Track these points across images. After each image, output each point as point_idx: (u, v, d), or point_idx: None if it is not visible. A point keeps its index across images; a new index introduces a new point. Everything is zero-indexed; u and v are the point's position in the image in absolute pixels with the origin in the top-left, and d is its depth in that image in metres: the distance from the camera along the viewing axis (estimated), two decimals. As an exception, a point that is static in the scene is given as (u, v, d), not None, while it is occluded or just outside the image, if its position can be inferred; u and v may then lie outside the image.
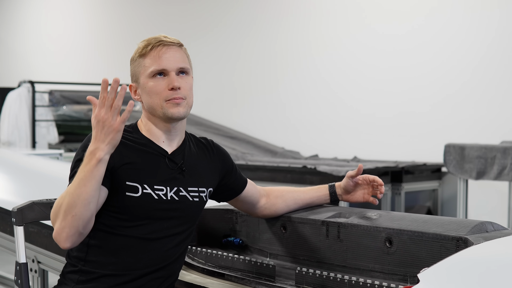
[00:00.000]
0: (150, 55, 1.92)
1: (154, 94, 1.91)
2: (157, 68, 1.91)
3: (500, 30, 5.53)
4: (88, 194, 1.72)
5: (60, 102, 7.48)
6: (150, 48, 1.93)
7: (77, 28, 10.43)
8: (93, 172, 1.71)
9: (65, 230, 1.73)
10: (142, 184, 1.87)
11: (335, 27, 6.72)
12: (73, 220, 1.72)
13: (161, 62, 1.91)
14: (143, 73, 1.93)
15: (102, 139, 1.72)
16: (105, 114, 1.72)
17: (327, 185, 2.20)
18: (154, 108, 1.92)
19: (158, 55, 1.92)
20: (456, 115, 5.77)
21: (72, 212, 1.72)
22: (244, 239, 2.28)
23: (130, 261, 1.88)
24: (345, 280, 1.89)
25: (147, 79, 1.92)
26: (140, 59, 1.94)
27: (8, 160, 4.24)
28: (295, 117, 7.05)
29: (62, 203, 1.74)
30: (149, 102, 1.93)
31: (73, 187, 1.73)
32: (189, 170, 1.97)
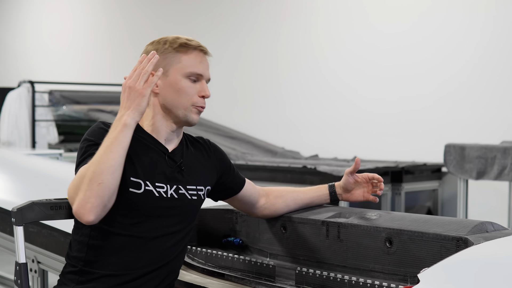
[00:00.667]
0: (190, 55, 1.92)
1: (184, 94, 1.91)
2: (197, 72, 1.91)
3: (500, 29, 5.53)
4: (114, 161, 1.71)
5: (60, 102, 7.48)
6: (192, 48, 1.93)
7: (77, 28, 10.43)
8: (119, 138, 1.72)
9: (90, 200, 1.69)
10: (144, 180, 1.87)
11: (338, 27, 6.72)
12: (99, 189, 1.69)
13: (200, 67, 1.92)
14: (176, 69, 1.91)
15: (128, 105, 1.75)
16: (132, 80, 1.75)
17: (327, 185, 2.20)
18: (176, 106, 1.92)
19: (199, 59, 1.93)
20: (456, 115, 5.77)
21: (98, 180, 1.69)
22: (244, 239, 2.28)
23: (129, 261, 1.88)
24: (345, 280, 1.89)
25: (180, 76, 1.91)
26: (175, 52, 1.92)
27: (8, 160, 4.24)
28: (295, 117, 7.05)
29: (86, 173, 1.70)
30: (173, 99, 1.91)
31: (98, 155, 1.71)
32: (188, 169, 1.97)
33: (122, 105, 1.77)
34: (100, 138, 1.81)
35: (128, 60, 9.24)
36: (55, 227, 2.59)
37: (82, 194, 1.70)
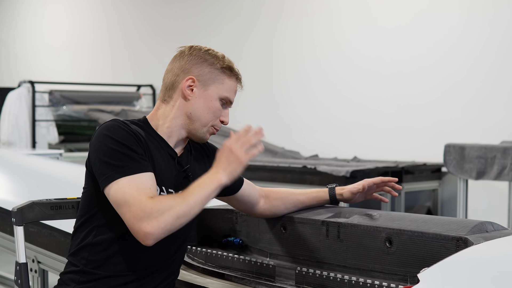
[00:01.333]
0: (231, 80, 1.99)
1: (212, 113, 1.96)
2: (230, 99, 1.99)
3: (502, 28, 5.53)
4: (199, 211, 1.77)
5: (60, 102, 7.48)
6: (235, 75, 2.00)
7: (77, 28, 10.43)
8: (212, 195, 1.76)
9: (165, 232, 1.72)
10: (160, 186, 1.89)
11: (338, 27, 6.72)
12: (178, 227, 1.74)
13: (233, 96, 2.00)
14: (217, 87, 1.96)
15: (225, 167, 1.78)
16: (236, 145, 1.79)
17: (327, 188, 2.19)
18: (200, 120, 1.95)
19: (235, 89, 2.01)
20: (456, 115, 5.77)
21: (183, 221, 1.74)
22: (244, 239, 2.28)
23: (131, 262, 1.88)
24: (345, 280, 1.89)
25: (216, 96, 1.95)
26: (221, 72, 1.97)
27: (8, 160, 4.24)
28: (295, 117, 7.06)
29: (176, 206, 1.72)
30: (200, 112, 1.94)
31: (193, 199, 1.74)
32: (193, 174, 1.98)
33: (219, 164, 1.79)
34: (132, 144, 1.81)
35: (128, 60, 9.25)
36: (55, 227, 2.59)
37: (162, 222, 1.70)
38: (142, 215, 1.70)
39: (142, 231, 1.70)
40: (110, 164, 1.77)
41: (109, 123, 1.86)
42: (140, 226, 1.70)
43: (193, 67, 1.94)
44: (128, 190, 1.74)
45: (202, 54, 1.96)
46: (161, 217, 1.70)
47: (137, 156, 1.80)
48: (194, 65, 1.94)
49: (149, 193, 1.75)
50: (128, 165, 1.77)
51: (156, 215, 1.70)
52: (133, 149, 1.80)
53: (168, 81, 1.97)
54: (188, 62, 1.95)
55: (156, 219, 1.70)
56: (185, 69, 1.95)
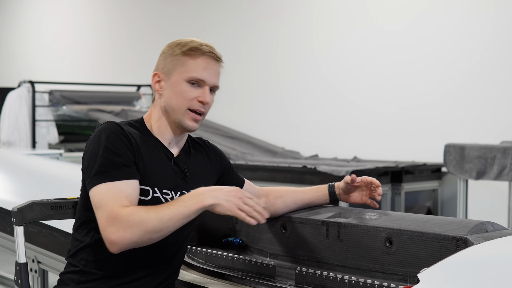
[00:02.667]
0: (196, 60, 1.90)
1: (181, 98, 1.90)
2: (198, 77, 1.90)
3: (502, 28, 5.53)
4: (175, 229, 1.74)
5: (60, 102, 7.48)
6: (200, 53, 1.90)
7: (77, 28, 10.43)
8: (191, 216, 1.74)
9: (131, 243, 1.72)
10: (153, 187, 1.88)
11: (337, 27, 6.72)
12: (147, 242, 1.73)
13: (204, 73, 1.90)
14: (181, 72, 1.90)
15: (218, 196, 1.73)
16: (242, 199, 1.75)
17: (327, 185, 2.20)
18: (173, 109, 1.91)
19: (204, 65, 1.90)
20: (456, 115, 5.77)
21: (152, 236, 1.72)
22: (244, 239, 2.28)
23: (130, 262, 1.88)
24: (345, 280, 1.89)
25: (182, 80, 1.90)
26: (183, 56, 1.91)
27: (8, 160, 4.24)
28: (295, 117, 7.06)
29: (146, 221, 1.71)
30: (172, 102, 1.91)
31: (167, 216, 1.71)
32: (191, 174, 1.97)
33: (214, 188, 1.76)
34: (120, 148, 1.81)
35: (128, 60, 9.25)
36: (55, 227, 2.59)
37: (129, 233, 1.70)
38: (112, 222, 1.71)
39: (108, 238, 1.72)
40: (94, 169, 1.79)
41: (103, 126, 1.87)
42: (108, 233, 1.72)
43: (158, 63, 1.96)
44: (105, 196, 1.75)
45: (167, 48, 1.96)
46: (129, 229, 1.70)
47: (122, 162, 1.80)
48: (159, 61, 1.96)
49: (124, 202, 1.75)
50: (110, 172, 1.78)
51: (124, 225, 1.70)
52: (120, 155, 1.80)
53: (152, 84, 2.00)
54: (158, 61, 1.98)
55: (123, 230, 1.70)
56: (154, 68, 1.97)
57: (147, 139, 1.92)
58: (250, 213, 1.76)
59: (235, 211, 1.75)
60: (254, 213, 1.76)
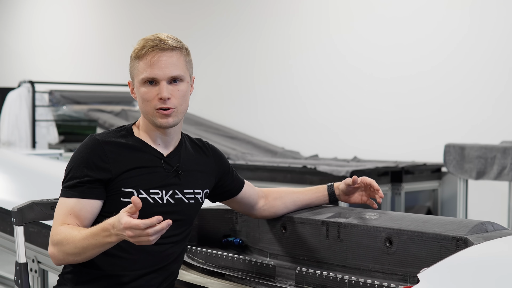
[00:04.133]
0: (144, 59, 1.87)
1: (145, 100, 1.88)
2: (148, 76, 1.86)
3: (503, 28, 5.53)
4: (92, 256, 1.78)
5: (60, 102, 7.48)
6: (145, 52, 1.86)
7: (77, 28, 10.43)
8: (105, 246, 1.73)
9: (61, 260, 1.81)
10: (137, 189, 1.87)
11: (337, 25, 6.72)
12: (71, 262, 1.81)
13: (152, 71, 1.85)
14: (136, 76, 1.90)
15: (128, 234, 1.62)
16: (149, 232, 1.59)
17: (326, 186, 2.19)
18: (145, 113, 1.91)
19: (150, 62, 1.85)
20: (456, 115, 5.77)
21: (73, 258, 1.78)
22: (244, 239, 2.28)
23: (128, 263, 1.88)
24: (345, 280, 1.89)
25: (139, 83, 1.89)
26: (135, 60, 1.90)
27: (8, 160, 4.24)
28: (295, 117, 7.05)
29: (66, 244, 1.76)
30: (141, 107, 1.92)
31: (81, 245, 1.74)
32: (185, 173, 1.96)
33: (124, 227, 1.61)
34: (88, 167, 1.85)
35: (128, 60, 9.24)
36: (55, 227, 2.59)
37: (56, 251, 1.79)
38: (50, 238, 1.82)
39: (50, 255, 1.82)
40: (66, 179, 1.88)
41: (84, 141, 1.92)
42: (48, 250, 1.82)
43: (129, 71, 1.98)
44: (57, 211, 1.85)
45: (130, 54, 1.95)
46: (56, 247, 1.79)
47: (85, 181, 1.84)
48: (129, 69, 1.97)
49: (66, 219, 1.82)
50: (68, 189, 1.85)
51: (54, 243, 1.80)
52: (86, 175, 1.84)
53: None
54: None
55: (53, 247, 1.80)
56: None
57: (132, 144, 1.92)
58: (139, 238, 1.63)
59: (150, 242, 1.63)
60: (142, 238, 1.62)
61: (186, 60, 1.92)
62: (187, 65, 1.92)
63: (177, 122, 1.91)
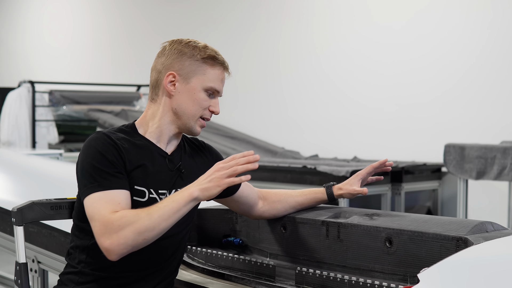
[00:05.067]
0: (215, 69, 1.93)
1: (198, 105, 1.92)
2: (216, 88, 1.93)
3: (502, 28, 5.53)
4: (168, 226, 1.73)
5: (60, 102, 7.48)
6: (218, 63, 1.93)
7: (77, 28, 10.43)
8: (183, 210, 1.73)
9: (127, 247, 1.71)
10: (149, 188, 1.88)
11: (338, 28, 6.72)
12: (142, 243, 1.72)
13: (220, 85, 1.94)
14: (200, 79, 1.91)
15: (201, 182, 1.74)
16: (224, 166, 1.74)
17: (324, 188, 2.18)
18: (186, 114, 1.92)
19: (221, 77, 1.94)
20: (456, 115, 5.77)
21: (146, 236, 1.71)
22: (244, 239, 2.28)
23: (128, 263, 1.88)
24: (345, 280, 1.89)
25: (200, 87, 1.91)
26: (202, 63, 1.91)
27: (8, 160, 4.24)
28: (295, 117, 7.06)
29: (135, 221, 1.70)
30: (187, 107, 1.91)
31: (157, 214, 1.71)
32: (186, 171, 1.97)
33: (201, 179, 1.76)
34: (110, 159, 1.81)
35: (128, 60, 9.25)
36: (55, 227, 2.59)
37: (122, 237, 1.70)
38: (104, 230, 1.72)
39: (103, 246, 1.72)
40: (86, 179, 1.80)
41: (92, 136, 1.88)
42: (102, 241, 1.72)
43: (173, 62, 1.92)
44: (97, 205, 1.76)
45: (182, 47, 1.93)
46: (121, 232, 1.70)
47: (112, 172, 1.80)
48: (174, 60, 1.92)
49: (116, 208, 1.75)
50: (101, 182, 1.78)
51: (116, 230, 1.70)
52: (110, 165, 1.81)
53: (152, 79, 1.96)
54: (169, 58, 1.93)
55: (115, 234, 1.70)
56: (166, 65, 1.93)
57: (138, 142, 1.92)
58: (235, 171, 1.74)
59: (222, 182, 1.74)
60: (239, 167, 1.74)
61: None
62: None
63: None
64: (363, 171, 2.16)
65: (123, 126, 1.97)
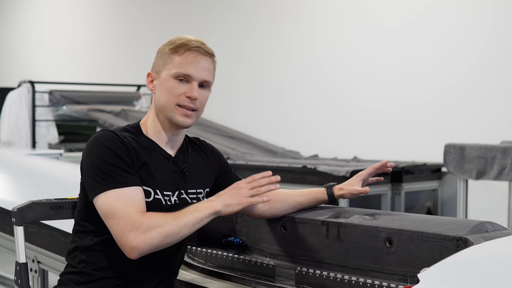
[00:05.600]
0: (183, 56, 1.90)
1: (169, 94, 1.90)
2: (184, 72, 1.89)
3: (502, 28, 5.53)
4: (189, 234, 1.79)
5: (60, 102, 7.48)
6: (186, 49, 1.91)
7: (77, 28, 10.43)
8: (204, 220, 1.79)
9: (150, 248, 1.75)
10: (154, 189, 1.88)
11: (338, 28, 6.72)
12: (164, 246, 1.77)
13: (190, 68, 1.90)
14: (168, 69, 1.91)
15: (224, 197, 1.82)
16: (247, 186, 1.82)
17: (324, 188, 2.17)
18: (164, 107, 1.92)
19: (190, 60, 1.90)
20: (456, 115, 5.77)
21: (170, 240, 1.76)
22: (244, 239, 2.28)
23: (129, 264, 1.88)
24: (345, 280, 1.89)
25: (169, 77, 1.90)
26: (171, 54, 1.91)
27: (8, 160, 4.23)
28: (295, 117, 7.05)
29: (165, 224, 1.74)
30: (161, 99, 1.92)
31: (182, 221, 1.76)
32: (189, 173, 1.98)
33: (221, 193, 1.83)
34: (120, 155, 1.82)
35: (128, 60, 9.24)
36: (56, 227, 2.59)
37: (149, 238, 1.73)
38: (131, 228, 1.73)
39: (128, 244, 1.73)
40: (98, 176, 1.79)
41: (99, 133, 1.87)
42: (128, 239, 1.73)
43: (153, 63, 1.98)
44: (117, 203, 1.76)
45: (160, 47, 1.97)
46: (148, 233, 1.73)
47: (125, 168, 1.81)
48: (154, 62, 1.97)
49: (138, 208, 1.77)
50: (116, 178, 1.78)
51: (144, 230, 1.73)
52: (122, 161, 1.81)
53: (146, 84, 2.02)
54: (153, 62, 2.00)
55: (143, 234, 1.72)
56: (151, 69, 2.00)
57: (143, 142, 1.92)
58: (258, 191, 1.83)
59: (245, 201, 1.81)
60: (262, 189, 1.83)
61: (214, 71, 1.99)
62: (214, 75, 1.98)
63: (192, 124, 1.96)
64: (364, 172, 2.16)
65: (127, 126, 1.98)
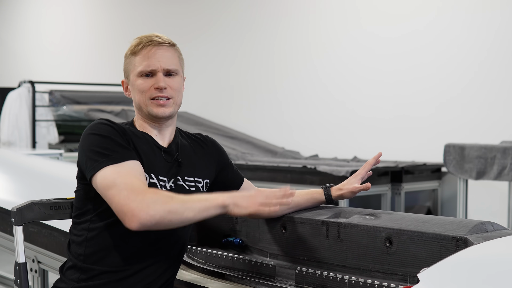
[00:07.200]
0: (140, 54, 1.97)
1: (140, 92, 1.97)
2: (146, 69, 1.96)
3: (500, 31, 5.53)
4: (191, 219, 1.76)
5: (60, 102, 7.49)
6: (141, 47, 1.98)
7: (77, 28, 10.44)
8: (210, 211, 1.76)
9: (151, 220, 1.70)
10: (149, 173, 1.91)
11: (335, 27, 6.72)
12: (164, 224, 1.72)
13: (149, 63, 1.96)
14: (133, 71, 1.98)
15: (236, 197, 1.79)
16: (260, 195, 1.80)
17: (322, 189, 2.18)
18: (140, 105, 1.98)
19: (147, 55, 1.96)
20: (456, 115, 5.77)
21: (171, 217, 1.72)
22: (244, 239, 2.28)
23: (128, 255, 1.89)
24: (345, 280, 1.89)
25: (136, 77, 1.97)
26: (131, 57, 1.99)
27: (8, 160, 4.23)
28: (295, 117, 7.05)
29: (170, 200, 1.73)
30: (136, 99, 1.99)
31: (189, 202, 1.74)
32: (185, 161, 2.01)
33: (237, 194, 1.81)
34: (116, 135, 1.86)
35: (128, 60, 9.24)
36: (55, 227, 2.59)
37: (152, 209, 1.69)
38: (134, 197, 1.71)
39: (130, 211, 1.70)
40: (96, 155, 1.82)
41: (94, 121, 1.94)
42: (130, 206, 1.70)
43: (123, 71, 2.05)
44: (118, 176, 1.77)
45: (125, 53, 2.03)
46: (152, 205, 1.70)
47: (122, 144, 1.85)
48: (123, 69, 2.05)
49: (141, 179, 1.79)
50: (113, 154, 1.81)
51: (148, 201, 1.71)
52: (118, 140, 1.86)
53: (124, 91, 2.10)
54: None
55: (147, 205, 1.70)
56: None
57: (137, 133, 1.98)
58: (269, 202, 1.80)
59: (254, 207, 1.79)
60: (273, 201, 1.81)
61: (179, 58, 2.03)
62: (180, 62, 2.03)
63: (174, 113, 2.00)
64: (361, 170, 2.17)
65: (122, 123, 2.04)
